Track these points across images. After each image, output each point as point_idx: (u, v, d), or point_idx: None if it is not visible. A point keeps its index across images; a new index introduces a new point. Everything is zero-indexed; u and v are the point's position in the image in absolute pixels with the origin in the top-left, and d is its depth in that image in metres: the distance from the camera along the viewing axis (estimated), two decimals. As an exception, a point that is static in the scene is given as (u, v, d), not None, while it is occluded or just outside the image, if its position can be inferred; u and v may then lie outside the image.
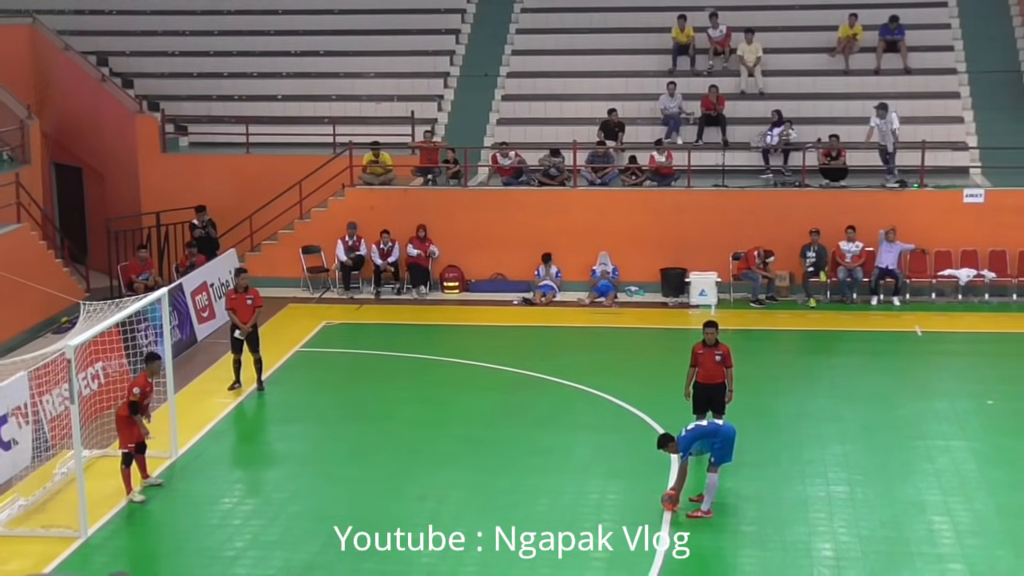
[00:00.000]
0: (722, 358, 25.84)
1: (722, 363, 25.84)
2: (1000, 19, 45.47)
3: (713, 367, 25.82)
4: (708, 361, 25.84)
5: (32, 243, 36.38)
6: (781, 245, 37.90)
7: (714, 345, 25.92)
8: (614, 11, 47.01)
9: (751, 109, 42.67)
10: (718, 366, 25.83)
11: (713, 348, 25.90)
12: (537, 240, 39.11)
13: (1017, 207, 38.18)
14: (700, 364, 25.89)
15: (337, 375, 32.82)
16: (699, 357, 25.93)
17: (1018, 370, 32.53)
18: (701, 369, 25.89)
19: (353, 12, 47.90)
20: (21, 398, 25.58)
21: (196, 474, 26.10)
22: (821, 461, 25.99)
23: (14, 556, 22.21)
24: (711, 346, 25.92)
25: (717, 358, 25.84)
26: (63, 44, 44.39)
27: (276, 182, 40.28)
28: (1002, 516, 23.55)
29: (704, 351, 25.91)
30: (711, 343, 25.94)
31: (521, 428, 28.37)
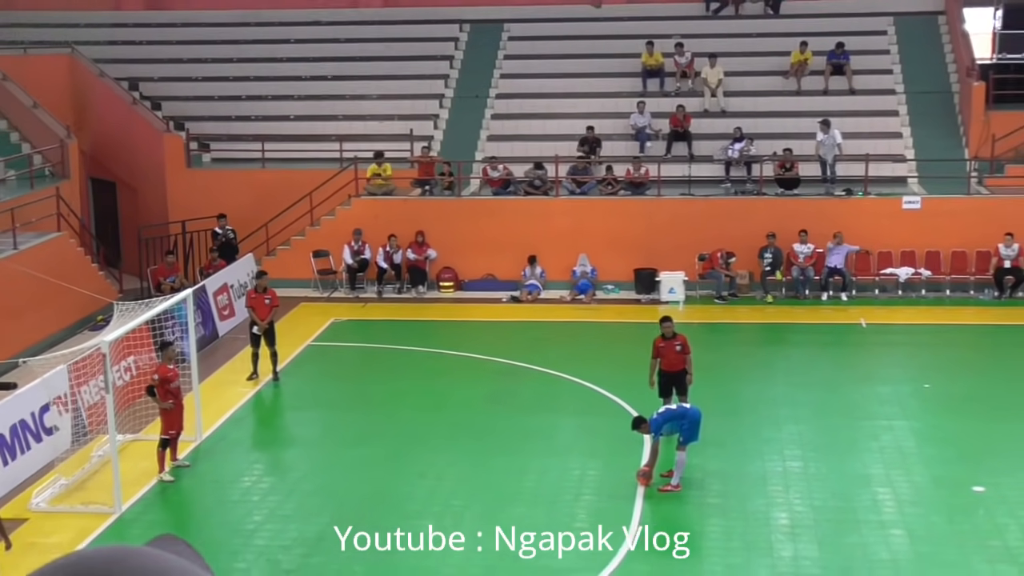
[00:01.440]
0: (682, 347, 25.97)
1: (682, 352, 25.93)
2: (933, 46, 45.49)
3: (675, 356, 25.92)
4: (670, 352, 25.93)
5: (71, 249, 36.31)
6: (741, 247, 37.95)
7: (672, 337, 26.01)
8: (591, 39, 46.97)
9: (714, 126, 42.65)
10: (679, 355, 25.92)
11: (672, 340, 25.98)
12: (523, 244, 39.09)
13: (950, 212, 38.25)
14: (663, 355, 25.97)
15: (345, 366, 32.82)
16: (661, 350, 26.02)
17: (951, 357, 32.64)
18: (664, 359, 25.96)
19: (357, 41, 47.83)
20: (62, 388, 25.55)
21: (219, 456, 26.11)
22: (778, 440, 26.03)
23: (56, 530, 22.23)
24: (670, 338, 26.01)
25: (677, 348, 25.96)
26: (99, 71, 44.30)
27: (289, 193, 40.21)
28: (937, 487, 23.65)
29: (665, 344, 26.00)
30: (669, 336, 26.03)
31: (510, 413, 28.35)
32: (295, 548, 21.38)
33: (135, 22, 50.00)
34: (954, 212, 38.27)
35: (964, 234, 38.01)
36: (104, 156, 43.84)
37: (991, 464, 24.77)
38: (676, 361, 25.94)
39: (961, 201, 38.53)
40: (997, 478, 23.90)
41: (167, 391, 24.38)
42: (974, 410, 28.07)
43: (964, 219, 38.17)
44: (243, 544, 21.66)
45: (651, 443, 23.54)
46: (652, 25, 46.60)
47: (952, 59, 44.60)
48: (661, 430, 23.28)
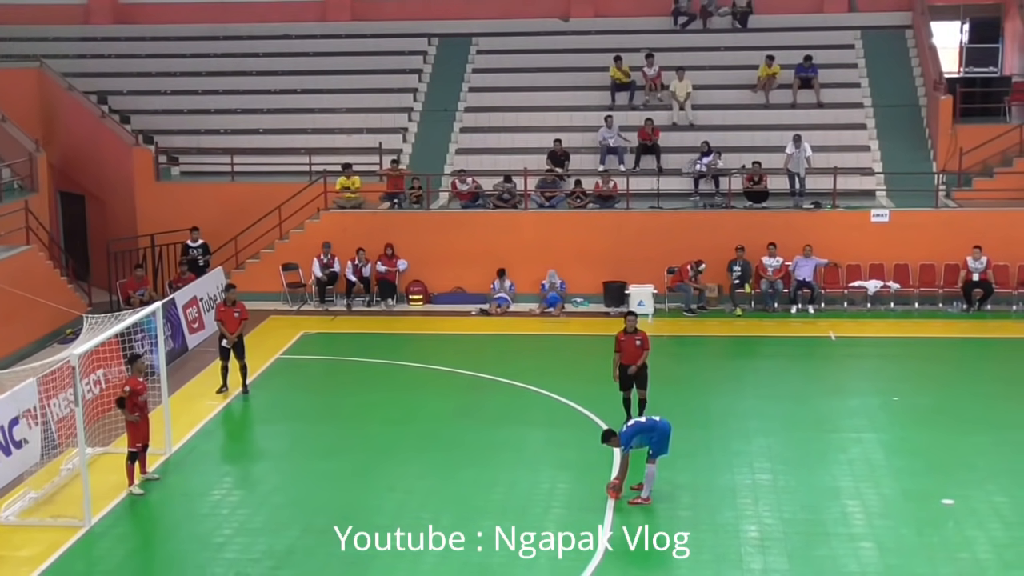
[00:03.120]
0: (641, 342, 27.15)
1: (641, 347, 27.10)
2: (900, 59, 45.66)
3: (634, 351, 27.07)
4: (630, 346, 27.09)
5: (40, 263, 36.18)
6: (710, 260, 38.00)
7: (633, 332, 27.15)
8: (559, 52, 47.05)
9: (682, 139, 42.69)
10: (638, 349, 27.09)
11: (633, 335, 27.14)
12: (492, 257, 39.10)
13: (918, 225, 38.42)
14: (623, 350, 27.13)
15: (314, 379, 32.74)
16: (622, 344, 27.19)
17: (920, 370, 32.71)
18: (624, 353, 27.11)
19: (326, 55, 47.81)
20: (31, 401, 25.41)
21: (188, 469, 26.02)
22: (747, 453, 26.06)
23: (26, 543, 22.13)
24: (631, 333, 27.14)
25: (637, 343, 27.14)
26: (67, 85, 44.13)
27: (258, 207, 40.16)
28: (906, 499, 23.70)
29: (625, 338, 27.16)
30: (631, 330, 27.19)
31: (479, 425, 28.35)
32: (264, 561, 21.31)
33: (104, 36, 49.83)
34: (922, 225, 38.43)
35: (932, 247, 38.16)
36: (73, 169, 43.69)
37: (960, 476, 24.84)
38: (635, 355, 27.09)
39: (929, 214, 38.67)
40: (966, 490, 23.96)
41: (135, 404, 24.33)
42: (943, 423, 28.17)
43: (932, 232, 38.33)
44: (212, 557, 21.58)
45: (621, 456, 23.53)
46: (620, 39, 46.68)
47: (919, 73, 44.80)
48: (631, 443, 23.31)
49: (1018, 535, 22.08)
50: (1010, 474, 24.99)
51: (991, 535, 22.01)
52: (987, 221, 38.29)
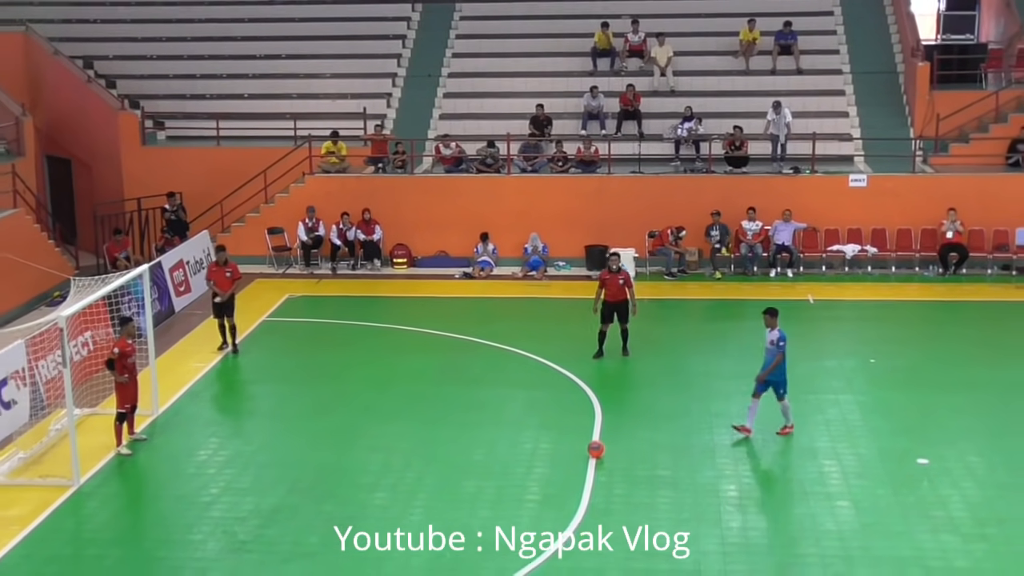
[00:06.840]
0: (624, 281, 29.64)
1: (624, 285, 29.59)
2: (879, 26, 45.69)
3: (617, 289, 29.58)
4: (613, 285, 29.57)
5: (27, 226, 36.17)
6: (691, 225, 38.13)
7: (617, 271, 29.67)
8: (542, 19, 46.97)
9: (663, 105, 42.70)
10: (621, 288, 29.59)
11: (616, 274, 29.64)
12: (476, 221, 39.14)
13: (895, 190, 38.52)
14: (607, 287, 29.56)
15: (299, 341, 32.75)
16: (606, 281, 29.64)
17: (897, 332, 32.86)
18: (607, 290, 29.55)
19: (311, 20, 47.63)
20: (19, 363, 25.47)
21: (175, 429, 26.04)
22: (727, 413, 26.10)
23: (14, 503, 22.16)
24: (615, 272, 29.62)
25: (620, 282, 29.63)
26: (53, 49, 44.00)
27: (244, 171, 40.13)
28: (883, 459, 23.80)
29: (609, 277, 29.61)
30: (615, 270, 29.66)
31: (461, 386, 28.41)
32: (251, 520, 21.35)
33: (89, 0, 49.63)
34: (899, 190, 38.53)
35: (909, 212, 38.26)
36: (59, 134, 43.58)
37: (935, 436, 24.98)
38: (618, 293, 29.56)
39: (906, 179, 38.78)
40: (941, 450, 24.09)
41: (124, 366, 24.37)
42: (919, 384, 28.32)
43: (909, 197, 38.44)
44: (199, 516, 21.62)
45: (779, 351, 24.95)
46: (603, 6, 46.61)
47: (897, 39, 44.83)
48: (783, 343, 25.04)
49: (991, 494, 22.22)
50: (983, 434, 25.18)
51: (965, 494, 22.14)
52: (963, 186, 38.38)
